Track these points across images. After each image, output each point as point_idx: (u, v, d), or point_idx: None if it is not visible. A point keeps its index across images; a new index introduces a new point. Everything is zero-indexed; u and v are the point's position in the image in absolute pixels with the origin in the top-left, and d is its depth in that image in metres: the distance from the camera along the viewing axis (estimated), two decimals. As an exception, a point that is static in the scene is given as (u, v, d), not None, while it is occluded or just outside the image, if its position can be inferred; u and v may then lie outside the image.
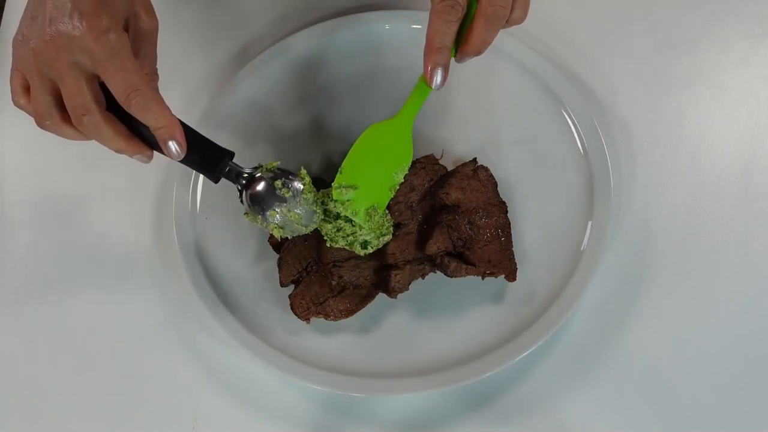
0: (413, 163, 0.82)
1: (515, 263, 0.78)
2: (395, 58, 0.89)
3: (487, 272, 0.77)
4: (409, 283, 0.78)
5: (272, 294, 0.81)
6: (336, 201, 0.76)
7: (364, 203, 0.77)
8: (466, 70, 0.88)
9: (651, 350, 0.79)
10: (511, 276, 0.78)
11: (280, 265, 0.80)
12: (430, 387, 0.76)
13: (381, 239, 0.77)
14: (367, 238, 0.76)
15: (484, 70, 0.88)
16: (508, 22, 0.71)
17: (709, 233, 0.83)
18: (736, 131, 0.87)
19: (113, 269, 0.84)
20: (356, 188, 0.76)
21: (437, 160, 0.83)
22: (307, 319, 0.78)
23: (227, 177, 0.75)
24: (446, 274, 0.77)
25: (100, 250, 0.85)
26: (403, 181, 0.78)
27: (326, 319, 0.77)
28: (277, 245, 0.82)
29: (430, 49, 0.70)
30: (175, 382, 0.81)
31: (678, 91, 0.88)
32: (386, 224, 0.78)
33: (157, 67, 0.73)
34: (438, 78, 0.71)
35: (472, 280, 0.78)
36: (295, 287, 0.80)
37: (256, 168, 0.76)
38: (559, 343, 0.79)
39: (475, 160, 0.83)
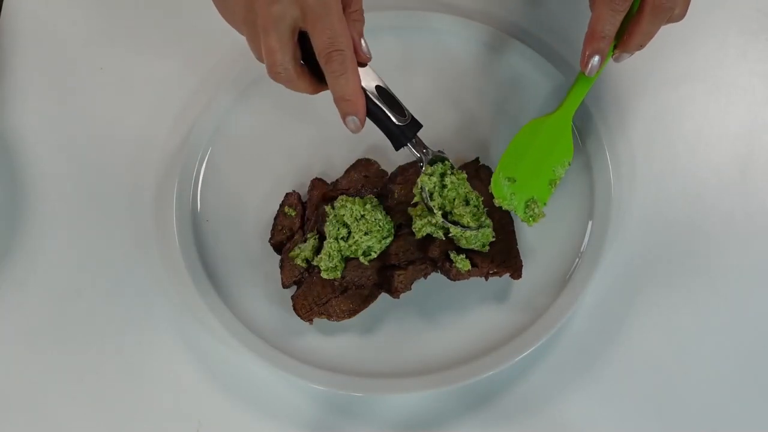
0: (413, 162, 0.82)
1: (521, 261, 0.78)
2: (402, 60, 0.89)
3: (491, 272, 0.77)
4: (412, 283, 0.78)
5: (274, 295, 0.81)
6: (496, 196, 0.76)
7: (523, 197, 0.77)
8: (466, 70, 0.89)
9: (651, 349, 0.80)
10: (516, 274, 0.78)
11: (282, 266, 0.81)
12: (431, 387, 0.77)
13: (383, 242, 0.77)
14: (369, 243, 0.77)
15: (485, 70, 0.88)
16: (669, 19, 0.71)
17: (709, 230, 0.83)
18: (734, 127, 0.87)
19: (114, 270, 0.84)
20: (514, 181, 0.77)
21: (437, 159, 0.83)
22: (310, 320, 0.78)
23: (413, 147, 0.74)
24: (449, 278, 0.77)
25: (100, 251, 0.85)
26: (563, 175, 0.78)
27: (329, 319, 0.78)
28: (279, 246, 0.82)
29: (592, 36, 0.71)
30: (177, 384, 0.81)
31: (675, 88, 0.89)
32: (387, 226, 0.78)
33: (362, 7, 0.71)
34: (594, 64, 0.73)
35: (473, 280, 0.78)
36: (297, 288, 0.80)
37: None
38: (559, 343, 0.80)
39: (477, 159, 0.84)
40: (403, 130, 0.72)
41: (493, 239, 0.77)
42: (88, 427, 0.80)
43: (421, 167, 0.75)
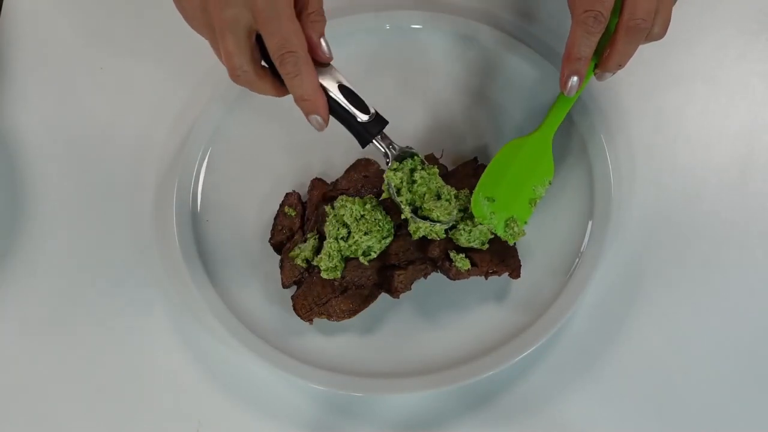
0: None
1: (519, 260, 0.79)
2: (398, 60, 0.89)
3: (491, 271, 0.77)
4: (412, 283, 0.78)
5: (274, 295, 0.81)
6: (476, 215, 0.76)
7: (503, 215, 0.77)
8: (466, 71, 0.89)
9: (652, 349, 0.80)
10: (515, 273, 0.78)
11: (282, 266, 0.81)
12: (431, 387, 0.77)
13: (383, 242, 0.77)
14: (369, 243, 0.77)
15: (483, 70, 0.88)
16: (647, 38, 0.72)
17: (709, 230, 0.83)
18: (734, 127, 0.87)
19: (114, 270, 0.84)
20: (493, 201, 0.77)
21: (437, 159, 0.83)
22: (310, 320, 0.78)
23: (380, 143, 0.74)
24: (448, 277, 0.77)
25: (100, 251, 0.85)
26: (544, 195, 0.79)
27: (329, 319, 0.78)
28: (279, 246, 0.82)
29: (569, 58, 0.72)
30: (177, 384, 0.81)
31: (675, 88, 0.89)
32: (387, 226, 0.78)
33: (323, 8, 0.71)
34: (573, 85, 0.74)
35: (473, 280, 0.78)
36: (297, 288, 0.80)
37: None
38: (560, 343, 0.80)
39: (475, 159, 0.84)
40: (366, 127, 0.72)
41: (492, 236, 0.77)
42: (88, 427, 0.80)
43: (387, 163, 0.75)
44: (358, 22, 0.89)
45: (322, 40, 0.70)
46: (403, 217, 0.76)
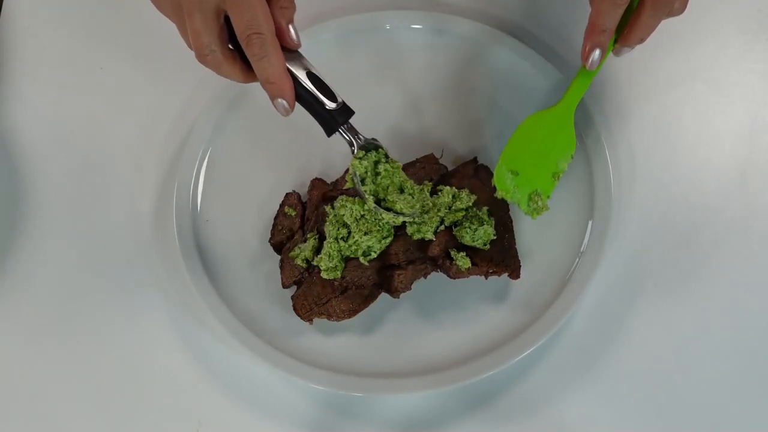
0: (413, 162, 0.82)
1: (519, 261, 0.78)
2: (396, 59, 0.89)
3: (491, 271, 0.77)
4: (412, 283, 0.78)
5: (274, 295, 0.81)
6: (499, 188, 0.76)
7: (526, 189, 0.77)
8: (463, 72, 0.89)
9: (651, 349, 0.80)
10: (514, 274, 0.78)
11: (282, 266, 0.81)
12: (431, 387, 0.76)
13: (383, 242, 0.77)
14: (369, 243, 0.77)
15: (483, 70, 0.88)
16: (669, 13, 0.72)
17: (709, 230, 0.83)
18: (734, 127, 0.87)
19: (114, 270, 0.84)
20: (517, 174, 0.77)
21: (437, 159, 0.83)
22: (310, 320, 0.78)
23: (345, 132, 0.74)
24: (449, 276, 0.77)
25: (101, 251, 0.85)
26: (566, 169, 0.79)
27: (329, 319, 0.78)
28: (279, 246, 0.82)
29: (593, 30, 0.72)
30: (177, 384, 0.80)
31: (675, 88, 0.89)
32: (387, 226, 0.78)
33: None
34: (595, 58, 0.73)
35: (473, 280, 0.78)
36: (297, 288, 0.80)
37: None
38: (559, 343, 0.80)
39: (475, 159, 0.84)
40: (333, 114, 0.72)
41: (495, 237, 0.77)
42: (88, 427, 0.80)
43: (353, 152, 0.75)
44: (359, 22, 0.89)
45: (290, 27, 0.70)
46: (366, 207, 0.76)
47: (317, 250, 0.79)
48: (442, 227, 0.78)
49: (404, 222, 0.76)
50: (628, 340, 0.80)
